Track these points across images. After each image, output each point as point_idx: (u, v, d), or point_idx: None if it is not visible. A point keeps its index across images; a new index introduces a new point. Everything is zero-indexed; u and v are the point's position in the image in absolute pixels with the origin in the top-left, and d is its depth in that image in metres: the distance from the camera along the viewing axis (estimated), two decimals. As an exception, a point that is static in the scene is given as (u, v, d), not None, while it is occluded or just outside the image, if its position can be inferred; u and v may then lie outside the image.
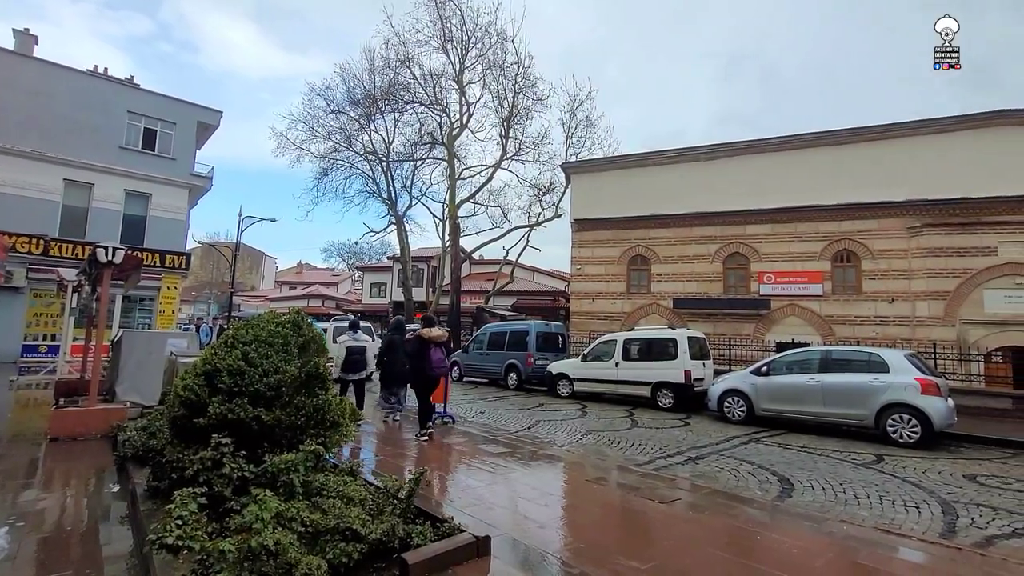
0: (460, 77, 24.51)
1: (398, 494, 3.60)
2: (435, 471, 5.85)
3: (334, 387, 4.68)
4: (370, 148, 26.70)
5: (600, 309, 18.66)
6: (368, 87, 25.56)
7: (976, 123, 15.11)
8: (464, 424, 8.88)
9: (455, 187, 25.27)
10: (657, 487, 5.36)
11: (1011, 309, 14.19)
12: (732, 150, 17.79)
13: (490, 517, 4.15)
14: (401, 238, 26.90)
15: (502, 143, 25.08)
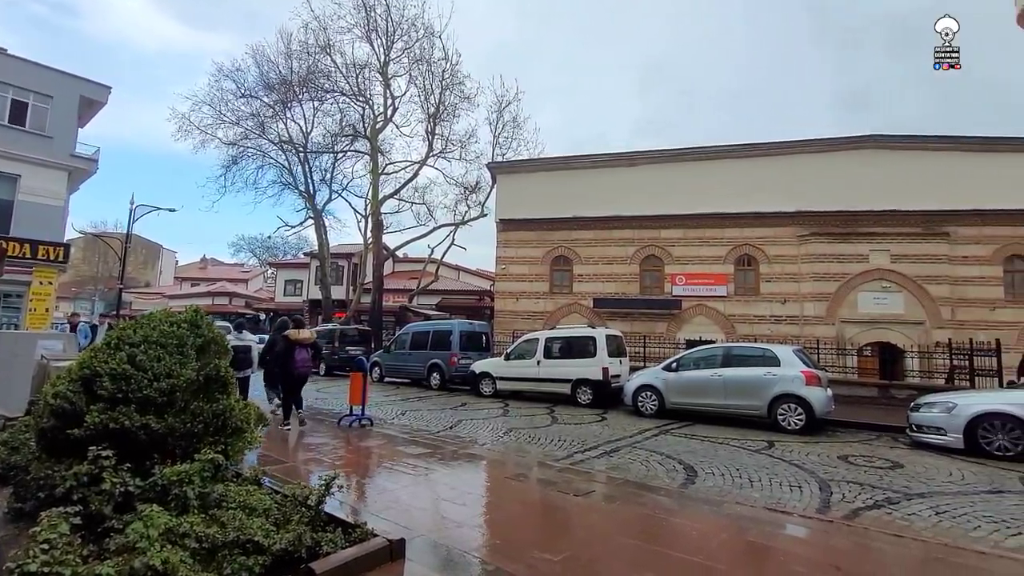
0: (385, 69, 23.83)
1: (307, 501, 3.42)
2: (351, 475, 5.65)
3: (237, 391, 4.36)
4: (286, 137, 25.23)
5: (524, 308, 18.96)
6: (284, 72, 24.14)
7: (852, 145, 17.11)
8: (383, 426, 8.64)
9: (378, 182, 24.55)
10: (574, 481, 5.53)
11: (879, 309, 16.22)
12: (650, 158, 18.80)
13: (407, 519, 4.07)
14: (320, 233, 25.67)
15: (428, 139, 24.73)
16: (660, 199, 18.02)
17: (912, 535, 4.16)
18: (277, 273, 39.12)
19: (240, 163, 25.34)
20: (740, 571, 3.44)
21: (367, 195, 25.95)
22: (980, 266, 16.00)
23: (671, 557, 3.60)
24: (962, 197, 16.01)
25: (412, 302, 26.74)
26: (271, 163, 26.06)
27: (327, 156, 26.75)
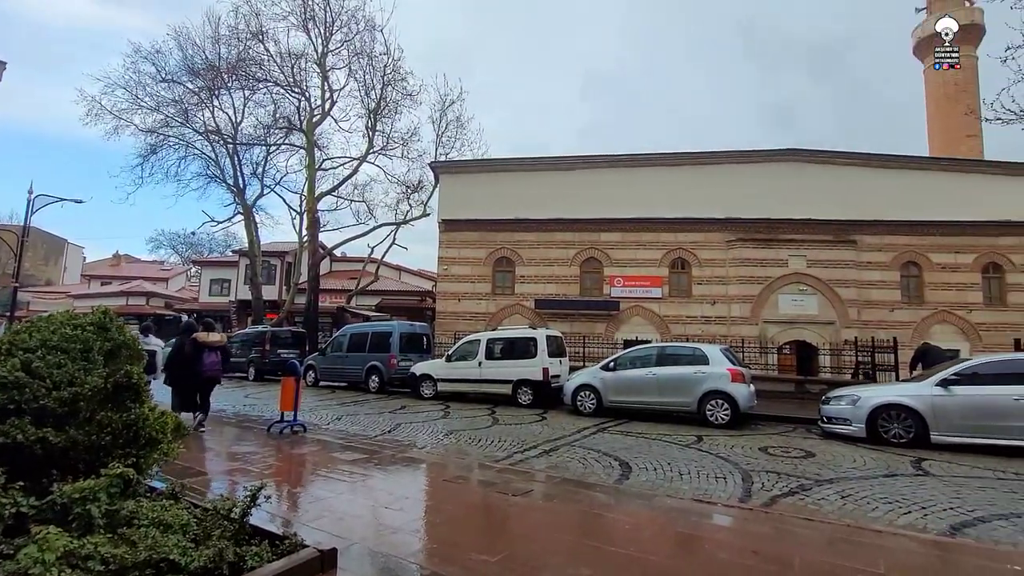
0: (322, 61, 22.97)
1: (230, 514, 3.23)
2: (281, 485, 5.39)
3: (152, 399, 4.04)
4: (213, 127, 23.73)
5: (466, 309, 18.88)
6: (211, 57, 22.69)
7: (775, 158, 18.40)
8: (317, 432, 8.32)
9: (315, 178, 23.60)
10: (513, 481, 5.57)
11: (796, 310, 17.52)
12: (590, 163, 19.29)
13: (341, 528, 3.94)
14: (250, 230, 24.34)
15: (368, 136, 24.08)
16: (600, 203, 18.54)
17: (821, 518, 4.53)
18: (202, 271, 36.65)
19: (160, 153, 23.59)
20: (669, 561, 3.60)
21: (302, 191, 24.91)
22: (881, 271, 17.68)
23: (605, 551, 3.71)
24: (867, 208, 17.63)
25: (350, 303, 25.93)
26: (196, 154, 24.45)
27: (259, 149, 25.46)
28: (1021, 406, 7.23)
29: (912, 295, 17.71)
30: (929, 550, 3.86)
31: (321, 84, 23.65)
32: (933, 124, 34.72)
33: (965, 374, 7.91)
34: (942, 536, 4.20)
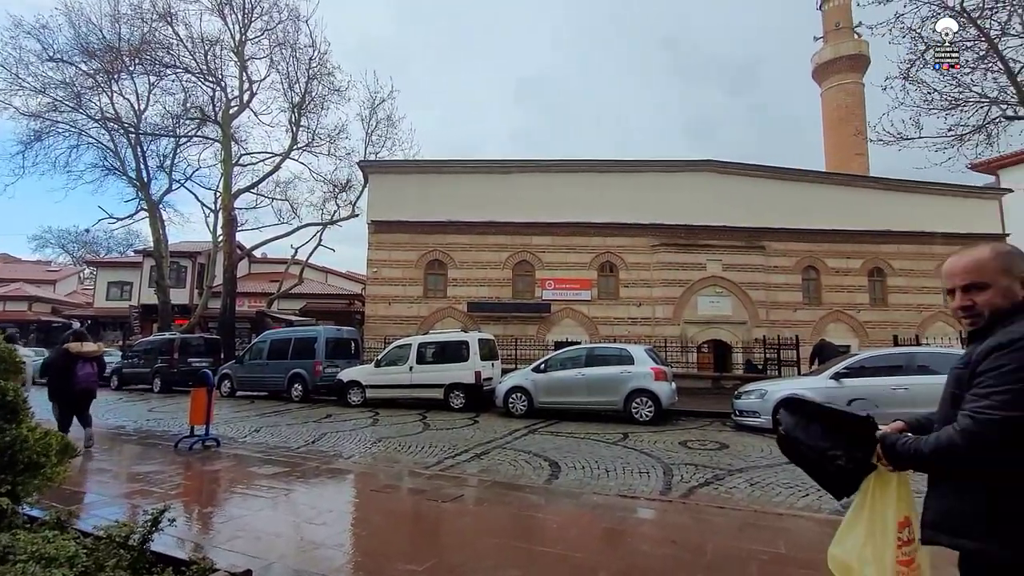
0: (240, 49, 21.58)
1: (127, 541, 2.93)
2: (190, 506, 4.98)
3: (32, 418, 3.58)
4: (111, 114, 21.57)
5: (397, 313, 18.45)
6: (110, 37, 20.60)
7: (694, 168, 19.60)
8: (233, 446, 7.78)
9: (231, 173, 22.09)
10: (444, 487, 5.50)
11: (714, 311, 18.72)
12: (523, 167, 19.54)
13: (259, 548, 3.71)
14: (156, 228, 22.37)
15: (292, 131, 22.92)
16: (532, 207, 18.82)
17: (732, 505, 4.86)
18: (98, 273, 33.13)
19: (47, 140, 21.11)
20: (594, 556, 3.71)
21: (218, 187, 23.31)
22: (786, 275, 19.33)
23: (534, 551, 3.76)
24: (773, 217, 19.21)
25: (271, 307, 24.54)
26: (91, 143, 22.12)
27: (167, 140, 23.49)
28: (897, 394, 8.18)
29: (811, 296, 19.51)
30: (822, 528, 4.25)
31: (239, 74, 22.23)
32: (828, 142, 38.53)
33: (854, 368, 8.82)
34: (833, 514, 4.64)
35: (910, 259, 19.91)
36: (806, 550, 3.75)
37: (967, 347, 1.63)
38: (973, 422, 1.38)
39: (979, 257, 1.61)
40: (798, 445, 1.78)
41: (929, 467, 1.51)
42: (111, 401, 14.41)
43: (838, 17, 37.31)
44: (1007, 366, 1.38)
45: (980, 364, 1.47)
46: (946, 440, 1.42)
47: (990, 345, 1.46)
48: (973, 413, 1.40)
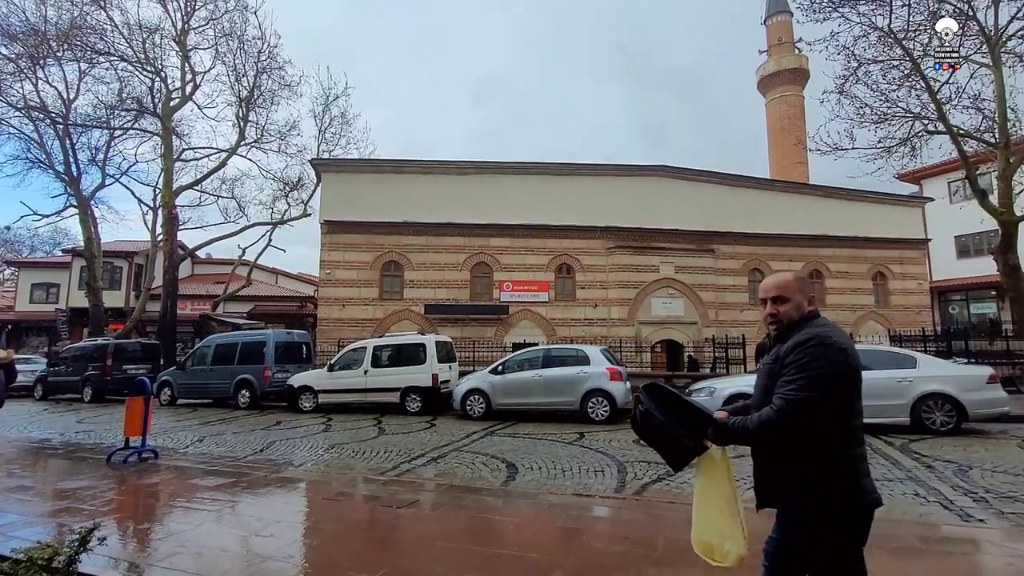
0: (182, 38, 20.49)
1: (51, 563, 2.72)
2: (124, 522, 4.68)
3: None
4: (36, 102, 20.01)
5: (351, 316, 18.00)
6: (35, 19, 19.10)
7: (647, 172, 20.15)
8: (172, 457, 7.36)
9: (172, 169, 20.93)
10: (399, 492, 5.41)
11: (666, 312, 19.29)
12: (480, 168, 19.51)
13: (201, 564, 3.52)
14: (87, 226, 20.87)
15: (239, 126, 21.95)
16: (490, 209, 18.82)
17: (682, 500, 4.99)
18: (19, 273, 30.59)
19: (-41, 129, 19.30)
20: (550, 556, 3.73)
21: (157, 183, 22.03)
22: (733, 276, 20.17)
23: (490, 554, 3.74)
24: (722, 221, 20.02)
25: (217, 310, 23.40)
26: (13, 133, 20.43)
27: (100, 132, 21.99)
28: (834, 390, 8.66)
29: (757, 297, 20.42)
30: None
31: (181, 64, 21.10)
32: (772, 150, 40.52)
33: (794, 365, 9.28)
34: (777, 506, 4.87)
35: (845, 262, 21.24)
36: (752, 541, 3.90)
37: (773, 348, 2.06)
38: (784, 402, 1.81)
39: (785, 279, 2.13)
40: (653, 424, 2.08)
41: (753, 441, 1.93)
42: (34, 412, 13.36)
43: (780, 33, 39.34)
44: (803, 359, 1.83)
45: (785, 360, 1.89)
46: (766, 417, 1.84)
47: (791, 345, 1.91)
48: (783, 395, 1.83)
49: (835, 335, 1.93)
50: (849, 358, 1.87)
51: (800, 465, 1.86)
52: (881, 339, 18.40)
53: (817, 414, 1.80)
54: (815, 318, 2.05)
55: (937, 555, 3.65)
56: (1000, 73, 13.49)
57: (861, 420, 1.92)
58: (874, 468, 6.16)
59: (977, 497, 4.97)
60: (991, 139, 14.19)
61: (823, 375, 1.80)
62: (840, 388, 1.83)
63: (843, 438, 1.85)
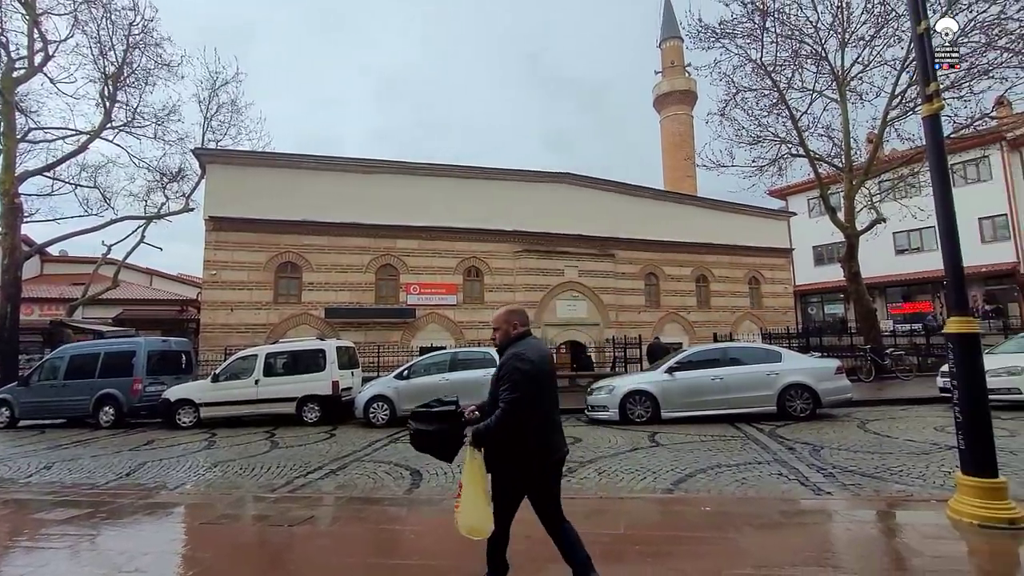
0: (31, 0, 17.62)
1: None
2: (-66, 573, 3.86)
3: None
4: None
5: (241, 321, 16.54)
6: None
7: (553, 179, 20.81)
8: (10, 489, 6.26)
9: (15, 150, 17.86)
10: (292, 509, 5.05)
11: (571, 314, 20.03)
12: (387, 167, 18.90)
13: (37, 614, 2.99)
14: None
15: (105, 106, 19.28)
16: (397, 209, 18.32)
17: (583, 495, 5.20)
18: None
19: None
20: (452, 562, 3.68)
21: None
22: (631, 280, 21.47)
23: (390, 565, 3.61)
24: (621, 227, 21.24)
25: (74, 315, 20.36)
26: None
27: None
28: (715, 384, 9.54)
29: (652, 300, 21.95)
30: (655, 507, 4.77)
31: (28, 30, 18.11)
32: (666, 163, 43.83)
33: (683, 362, 10.08)
34: (664, 493, 5.23)
35: (726, 268, 23.54)
36: (642, 528, 4.15)
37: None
38: (505, 403, 2.65)
39: (498, 314, 3.02)
40: (422, 433, 2.90)
41: (495, 436, 2.66)
42: None
43: (673, 56, 42.73)
44: (507, 372, 2.72)
45: (500, 373, 2.78)
46: (498, 417, 2.65)
47: (501, 361, 2.82)
48: (503, 399, 2.66)
49: (527, 352, 2.76)
50: (534, 366, 2.70)
51: (515, 438, 2.68)
52: (755, 337, 20.60)
53: (526, 406, 2.64)
54: (520, 339, 2.88)
55: (795, 526, 4.13)
56: (845, 107, 15.75)
57: (551, 404, 2.85)
58: (747, 452, 6.87)
59: (827, 473, 5.70)
60: (839, 163, 16.51)
61: (519, 380, 2.65)
62: (532, 386, 2.67)
63: (539, 419, 2.74)
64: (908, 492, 4.96)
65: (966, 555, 3.48)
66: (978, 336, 4.05)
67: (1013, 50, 12.99)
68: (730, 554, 3.55)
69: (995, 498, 3.74)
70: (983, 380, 4.00)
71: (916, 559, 3.46)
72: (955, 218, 4.18)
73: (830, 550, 3.68)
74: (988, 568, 3.30)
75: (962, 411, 3.94)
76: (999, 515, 3.69)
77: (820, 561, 3.42)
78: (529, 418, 2.67)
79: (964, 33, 13.28)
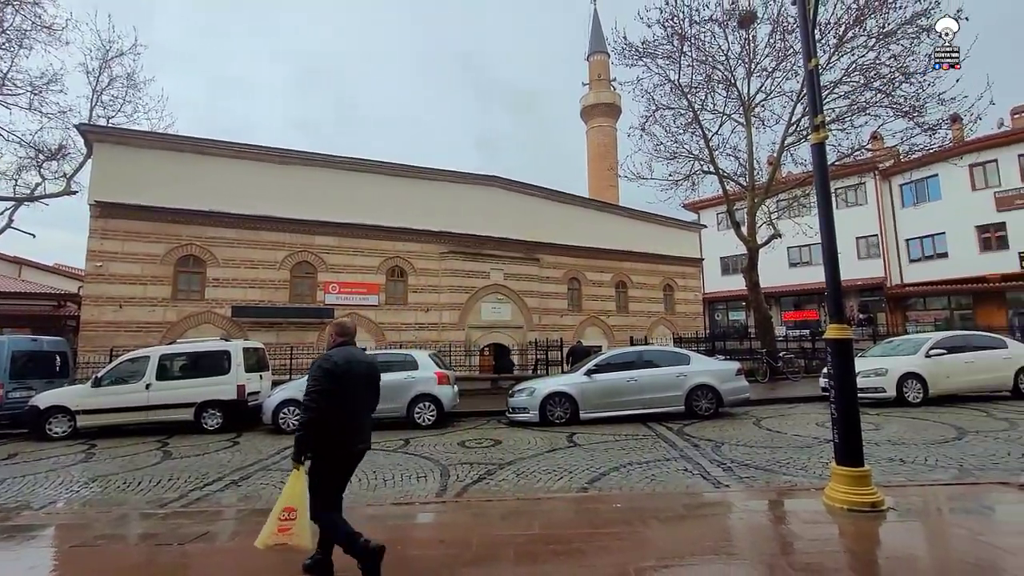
0: None
1: None
2: None
3: None
4: None
5: (131, 319, 14.91)
6: None
7: (482, 182, 20.82)
8: None
9: None
10: (184, 525, 4.61)
11: (495, 317, 20.12)
12: (307, 159, 17.93)
13: None
14: None
15: (-34, 69, 16.69)
16: (316, 204, 17.44)
17: (500, 497, 5.21)
18: None
19: None
20: (359, 572, 3.52)
21: None
22: (555, 284, 21.97)
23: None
24: (546, 232, 21.69)
25: (-81, 309, 17.35)
26: None
27: None
28: (630, 385, 9.98)
29: (575, 304, 22.61)
30: (569, 505, 4.88)
31: None
32: (591, 172, 45.41)
33: (602, 364, 10.45)
34: (579, 492, 5.37)
35: (644, 275, 24.80)
36: (556, 527, 4.22)
37: None
38: (306, 396, 3.19)
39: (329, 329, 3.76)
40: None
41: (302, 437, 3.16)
42: None
43: (600, 70, 44.43)
44: (310, 374, 3.29)
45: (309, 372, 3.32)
46: (301, 415, 3.18)
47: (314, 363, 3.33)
48: (304, 399, 3.20)
49: (334, 355, 3.31)
50: (336, 366, 3.22)
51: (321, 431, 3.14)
52: (667, 341, 21.87)
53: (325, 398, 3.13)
54: (335, 348, 3.44)
55: (696, 518, 4.39)
56: (750, 131, 17.19)
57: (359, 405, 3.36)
58: (656, 450, 7.23)
59: (726, 467, 6.15)
60: (744, 182, 17.97)
61: (319, 376, 3.17)
62: (332, 382, 3.16)
63: (339, 415, 3.20)
64: (793, 482, 5.46)
65: (836, 536, 3.88)
66: (851, 341, 4.55)
67: (884, 91, 14.85)
68: (638, 548, 3.70)
69: (861, 485, 4.22)
70: (855, 381, 4.50)
71: (797, 543, 3.81)
72: (835, 236, 4.67)
73: (726, 539, 3.95)
74: (853, 547, 3.70)
75: (837, 408, 4.41)
76: (864, 500, 4.16)
77: (717, 550, 3.66)
78: (329, 411, 3.13)
79: (847, 73, 15.01)
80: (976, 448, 6.63)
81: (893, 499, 4.41)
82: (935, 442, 7.07)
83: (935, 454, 6.42)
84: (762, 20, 15.72)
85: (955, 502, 4.53)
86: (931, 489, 4.89)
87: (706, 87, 17.06)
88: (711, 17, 15.86)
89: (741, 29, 15.99)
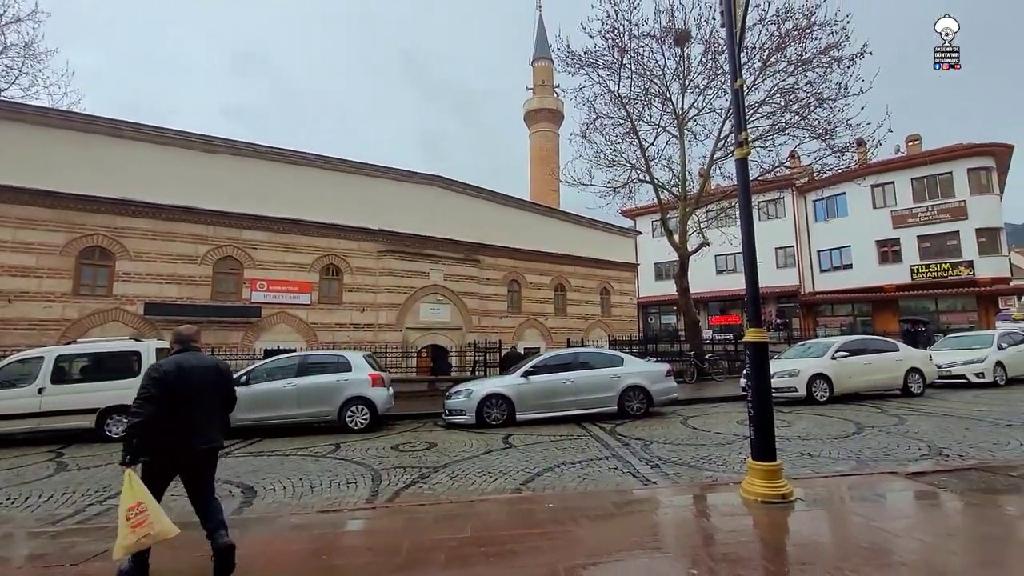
0: None
1: None
2: None
3: None
4: None
5: (23, 315, 13.35)
6: None
7: (423, 181, 20.49)
8: None
9: None
10: (79, 544, 4.18)
11: (434, 318, 19.85)
12: (234, 148, 16.86)
13: None
14: None
15: None
16: (244, 197, 16.43)
17: (433, 501, 5.12)
18: None
19: None
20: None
21: None
22: (495, 286, 22.00)
23: (202, 601, 3.13)
24: (487, 234, 21.68)
25: None
26: None
27: None
28: (566, 386, 10.16)
29: (514, 306, 22.76)
30: (503, 507, 4.87)
31: None
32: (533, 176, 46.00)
33: (539, 366, 10.56)
34: (513, 493, 5.39)
35: (582, 279, 25.39)
36: (489, 530, 4.20)
37: None
38: (133, 403, 3.33)
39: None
40: None
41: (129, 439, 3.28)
42: None
43: (544, 76, 45.16)
44: (143, 379, 3.40)
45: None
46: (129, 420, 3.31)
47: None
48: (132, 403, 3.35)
49: (164, 363, 3.44)
50: (165, 374, 3.35)
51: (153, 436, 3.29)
52: (603, 343, 22.51)
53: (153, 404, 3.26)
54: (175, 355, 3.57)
55: (625, 515, 4.52)
56: (683, 144, 18.08)
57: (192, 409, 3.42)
58: (589, 449, 7.39)
59: (654, 464, 6.39)
60: (676, 192, 18.86)
61: (147, 383, 3.32)
62: (159, 389, 3.30)
63: (170, 420, 3.32)
64: (714, 478, 5.76)
65: (751, 527, 4.13)
66: (767, 344, 4.87)
67: (801, 114, 16.12)
68: (568, 546, 3.75)
69: (774, 478, 4.52)
70: (769, 381, 4.82)
71: (717, 534, 4.02)
72: (755, 246, 4.98)
73: (652, 534, 4.09)
74: (766, 537, 3.95)
75: (754, 407, 4.70)
76: (776, 492, 4.46)
77: (643, 545, 3.78)
78: (156, 415, 3.25)
79: (770, 95, 16.15)
80: (871, 442, 7.31)
81: (802, 490, 4.75)
82: (838, 437, 7.72)
83: (838, 448, 7.01)
84: (696, 40, 16.61)
85: (853, 491, 4.95)
86: (834, 480, 5.32)
87: (644, 99, 17.78)
88: (649, 33, 16.57)
89: (677, 47, 16.80)
